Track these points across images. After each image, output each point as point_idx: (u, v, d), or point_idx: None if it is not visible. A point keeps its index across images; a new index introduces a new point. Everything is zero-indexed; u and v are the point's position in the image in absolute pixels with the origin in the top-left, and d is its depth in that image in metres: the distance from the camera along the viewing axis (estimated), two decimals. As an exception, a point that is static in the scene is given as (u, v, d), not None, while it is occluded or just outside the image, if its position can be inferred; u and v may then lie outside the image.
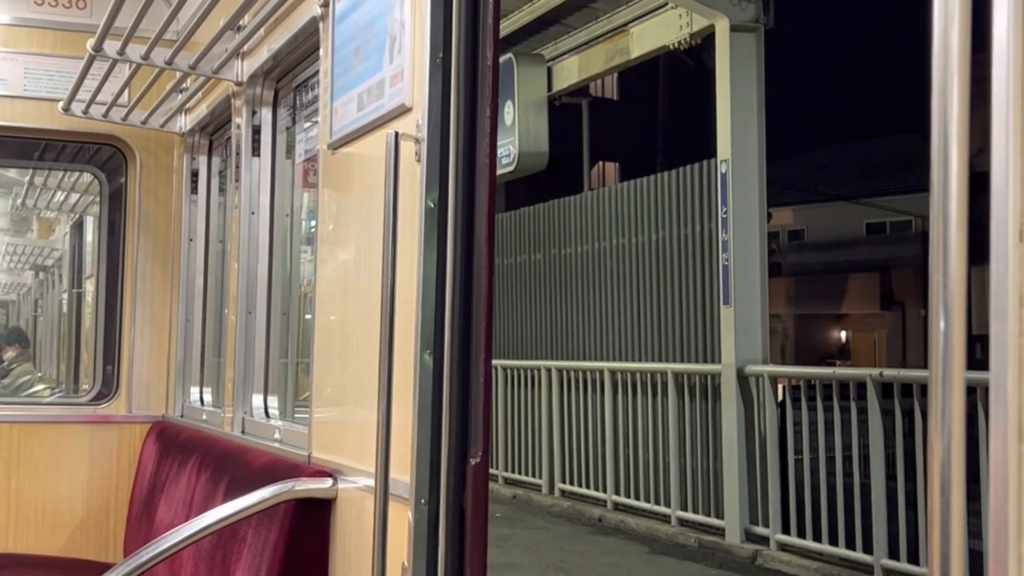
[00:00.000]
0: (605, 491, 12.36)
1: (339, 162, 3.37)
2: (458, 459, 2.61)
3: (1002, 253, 1.11)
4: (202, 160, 5.52)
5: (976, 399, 6.99)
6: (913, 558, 8.47)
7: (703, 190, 11.25)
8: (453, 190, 2.67)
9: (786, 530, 9.83)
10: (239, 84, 4.50)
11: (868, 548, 8.89)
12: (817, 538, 9.47)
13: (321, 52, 3.52)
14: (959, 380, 1.09)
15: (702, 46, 12.04)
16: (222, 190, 5.44)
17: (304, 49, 3.99)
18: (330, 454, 3.31)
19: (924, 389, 8.35)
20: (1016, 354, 1.09)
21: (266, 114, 4.50)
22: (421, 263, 2.69)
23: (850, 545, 9.10)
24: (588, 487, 12.72)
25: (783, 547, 9.84)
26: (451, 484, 2.61)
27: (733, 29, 10.76)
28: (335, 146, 3.34)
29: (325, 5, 3.46)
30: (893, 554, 8.68)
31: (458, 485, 2.59)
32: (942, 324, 1.11)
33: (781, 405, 10.18)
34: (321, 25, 3.53)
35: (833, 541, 9.28)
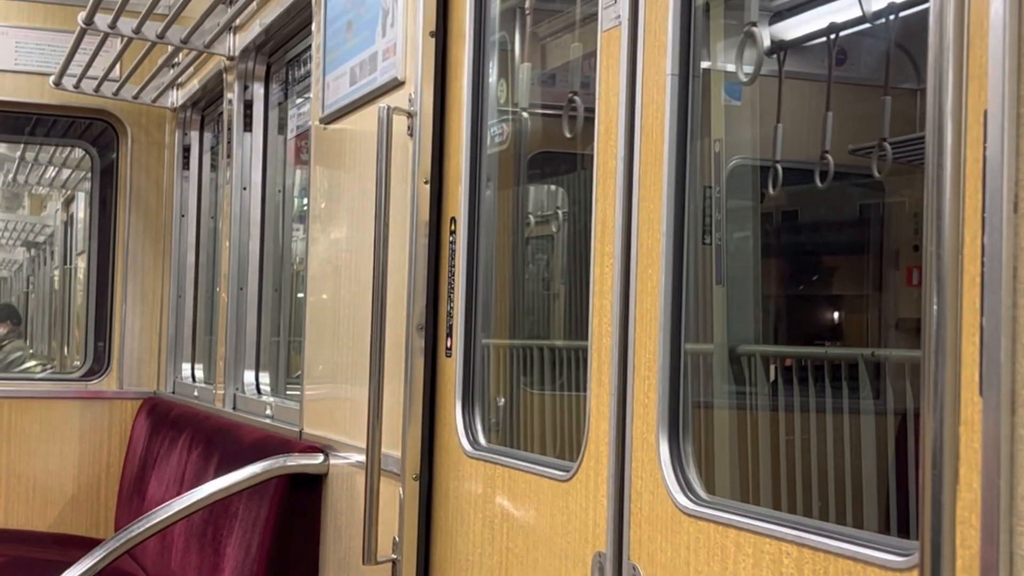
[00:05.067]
0: (597, 470, 12.36)
1: (331, 137, 3.35)
2: (449, 435, 2.61)
3: (996, 225, 1.10)
4: (194, 135, 5.50)
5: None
6: None
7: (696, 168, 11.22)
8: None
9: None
10: (231, 59, 4.47)
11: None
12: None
13: (313, 26, 3.50)
14: (952, 351, 1.08)
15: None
16: (214, 166, 5.42)
17: (297, 23, 3.97)
18: (322, 430, 3.31)
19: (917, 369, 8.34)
20: (1009, 326, 1.09)
21: (258, 89, 4.47)
22: (414, 240, 2.68)
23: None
24: (580, 466, 12.73)
25: (774, 526, 9.86)
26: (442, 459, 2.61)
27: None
28: (327, 120, 3.32)
29: (318, -21, 3.44)
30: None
31: (449, 461, 2.59)
32: (935, 296, 1.10)
33: (773, 385, 10.17)
34: (314, -1, 3.50)
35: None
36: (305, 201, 3.94)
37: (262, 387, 4.39)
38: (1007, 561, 1.12)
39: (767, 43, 3.45)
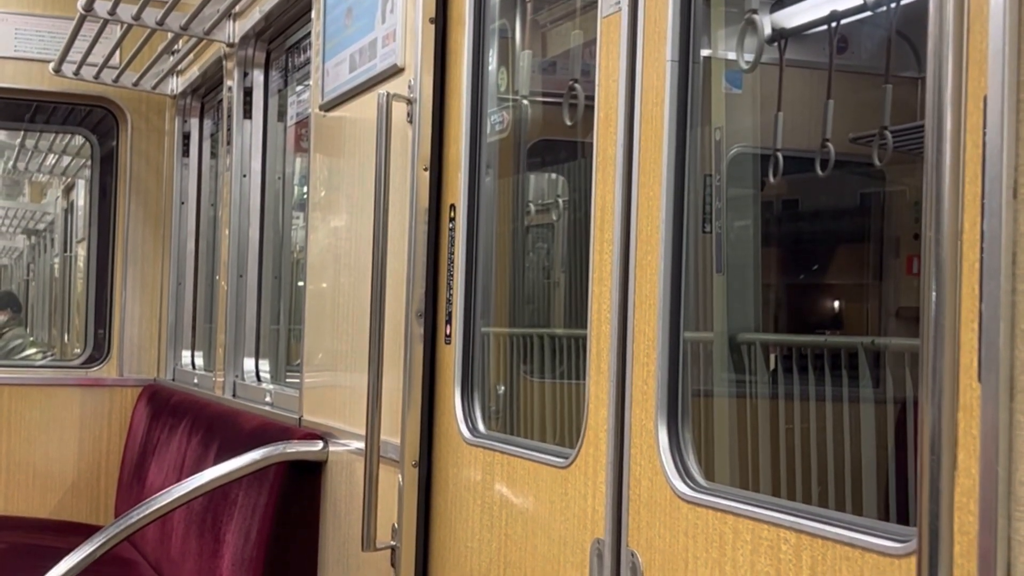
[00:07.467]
0: (596, 458, 12.37)
1: (331, 124, 3.35)
2: (449, 422, 2.61)
3: (995, 210, 1.10)
4: (193, 123, 5.49)
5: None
6: None
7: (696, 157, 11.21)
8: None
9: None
10: (231, 45, 4.46)
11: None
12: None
13: (313, 13, 3.50)
14: (951, 337, 1.08)
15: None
16: (214, 153, 5.41)
17: (296, 10, 3.96)
18: (321, 417, 3.31)
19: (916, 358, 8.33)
20: (1008, 312, 1.08)
21: (258, 76, 4.47)
22: (413, 227, 2.67)
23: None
24: (579, 454, 12.74)
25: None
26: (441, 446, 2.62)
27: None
28: (327, 107, 3.31)
29: (317, -35, 3.43)
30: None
31: (448, 448, 2.59)
32: (934, 282, 1.10)
33: (773, 374, 10.16)
34: (313, -15, 3.49)
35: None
36: (305, 188, 3.94)
37: (262, 374, 4.39)
38: (1005, 547, 1.12)
39: (768, 31, 3.45)
